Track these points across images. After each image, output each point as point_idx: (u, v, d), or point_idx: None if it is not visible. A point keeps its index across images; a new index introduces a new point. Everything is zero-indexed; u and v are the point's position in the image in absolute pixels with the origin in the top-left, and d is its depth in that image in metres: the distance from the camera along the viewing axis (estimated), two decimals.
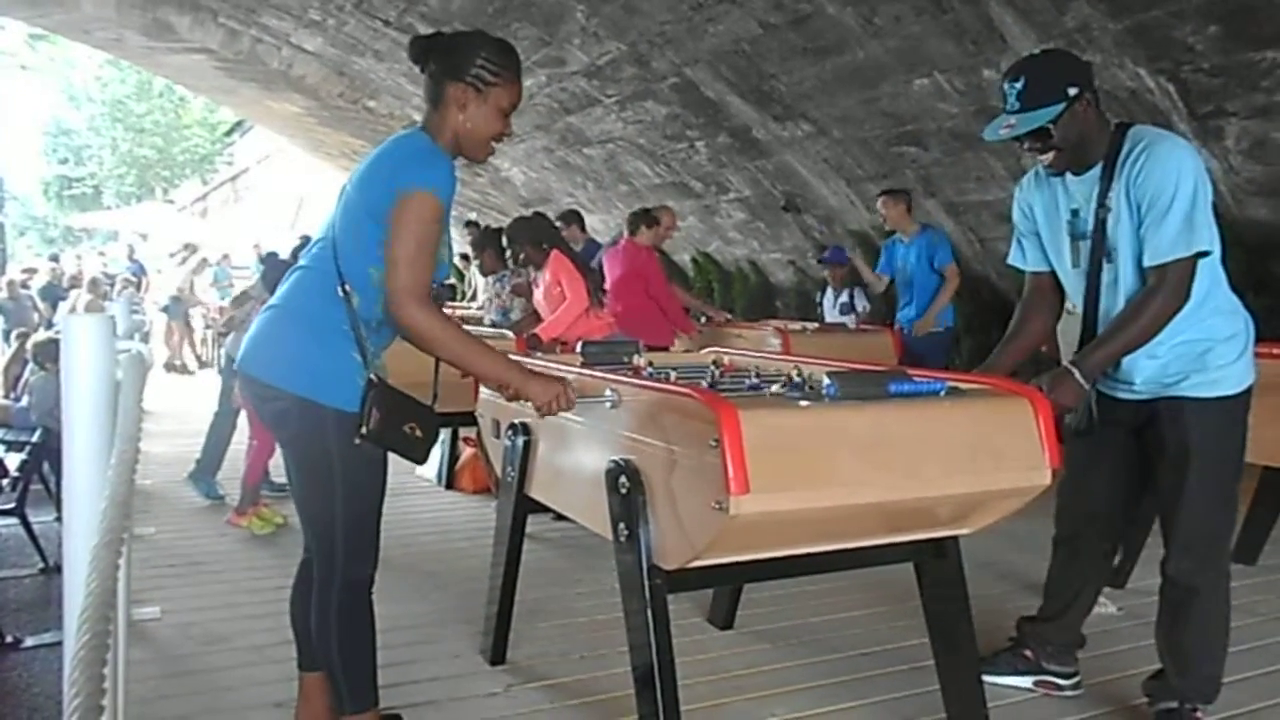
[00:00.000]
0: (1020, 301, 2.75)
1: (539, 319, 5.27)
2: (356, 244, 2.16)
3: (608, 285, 5.72)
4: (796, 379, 2.46)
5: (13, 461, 5.54)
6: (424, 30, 8.84)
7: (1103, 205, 2.41)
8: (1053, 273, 2.65)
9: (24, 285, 14.50)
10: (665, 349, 5.14)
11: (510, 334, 5.12)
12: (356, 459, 2.18)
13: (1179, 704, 2.52)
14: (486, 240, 6.43)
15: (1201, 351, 2.42)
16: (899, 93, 6.66)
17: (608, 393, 2.32)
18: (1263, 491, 4.17)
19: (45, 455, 5.67)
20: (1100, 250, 2.44)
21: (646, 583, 2.13)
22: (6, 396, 7.72)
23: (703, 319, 6.60)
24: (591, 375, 2.55)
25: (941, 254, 6.03)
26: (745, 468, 1.83)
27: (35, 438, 5.67)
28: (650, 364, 2.95)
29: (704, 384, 2.52)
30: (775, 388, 2.42)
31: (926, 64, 6.24)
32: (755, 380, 2.57)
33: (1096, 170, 2.44)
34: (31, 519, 5.23)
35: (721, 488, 1.84)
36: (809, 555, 2.21)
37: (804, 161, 8.22)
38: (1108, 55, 5.35)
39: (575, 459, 2.57)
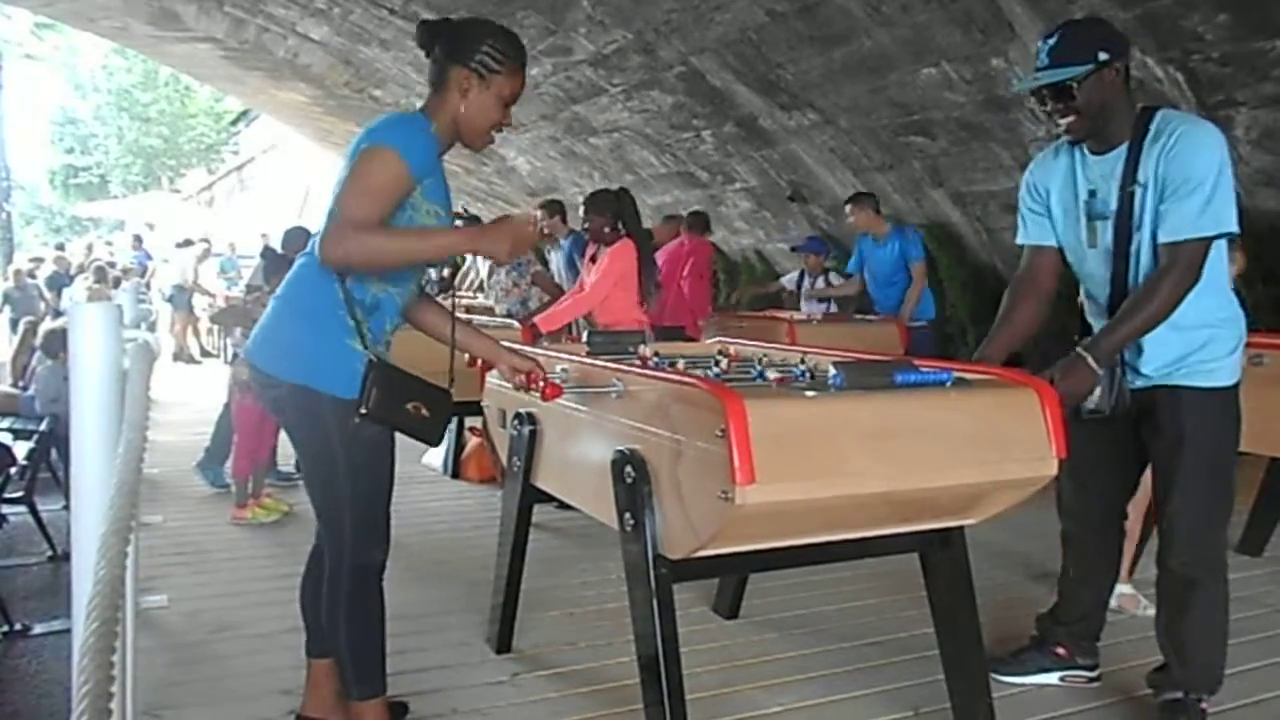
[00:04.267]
0: (1012, 281, 2.68)
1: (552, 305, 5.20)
2: None
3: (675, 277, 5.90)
4: (802, 369, 2.46)
5: (21, 450, 5.54)
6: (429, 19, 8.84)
7: (1134, 182, 2.37)
8: (1054, 252, 2.60)
9: (30, 274, 14.52)
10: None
11: (516, 323, 5.10)
12: (359, 445, 2.19)
13: (1183, 695, 2.51)
14: None
15: (1205, 341, 2.41)
16: (906, 82, 6.64)
17: (614, 382, 2.32)
18: (1270, 483, 4.16)
19: (53, 444, 5.69)
20: (1127, 229, 2.40)
21: (652, 572, 2.13)
22: (15, 385, 7.74)
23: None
24: (598, 365, 2.56)
25: (914, 251, 6.16)
26: (751, 458, 1.83)
27: (43, 426, 5.68)
28: (656, 354, 2.95)
29: (709, 374, 2.51)
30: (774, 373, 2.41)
31: (934, 53, 6.21)
32: (761, 370, 2.57)
33: (1120, 150, 2.40)
34: (40, 507, 5.24)
35: (727, 478, 1.84)
36: (814, 545, 2.21)
37: (810, 151, 8.19)
38: None
39: (581, 448, 2.58)
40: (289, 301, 2.25)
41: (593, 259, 4.87)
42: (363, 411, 2.12)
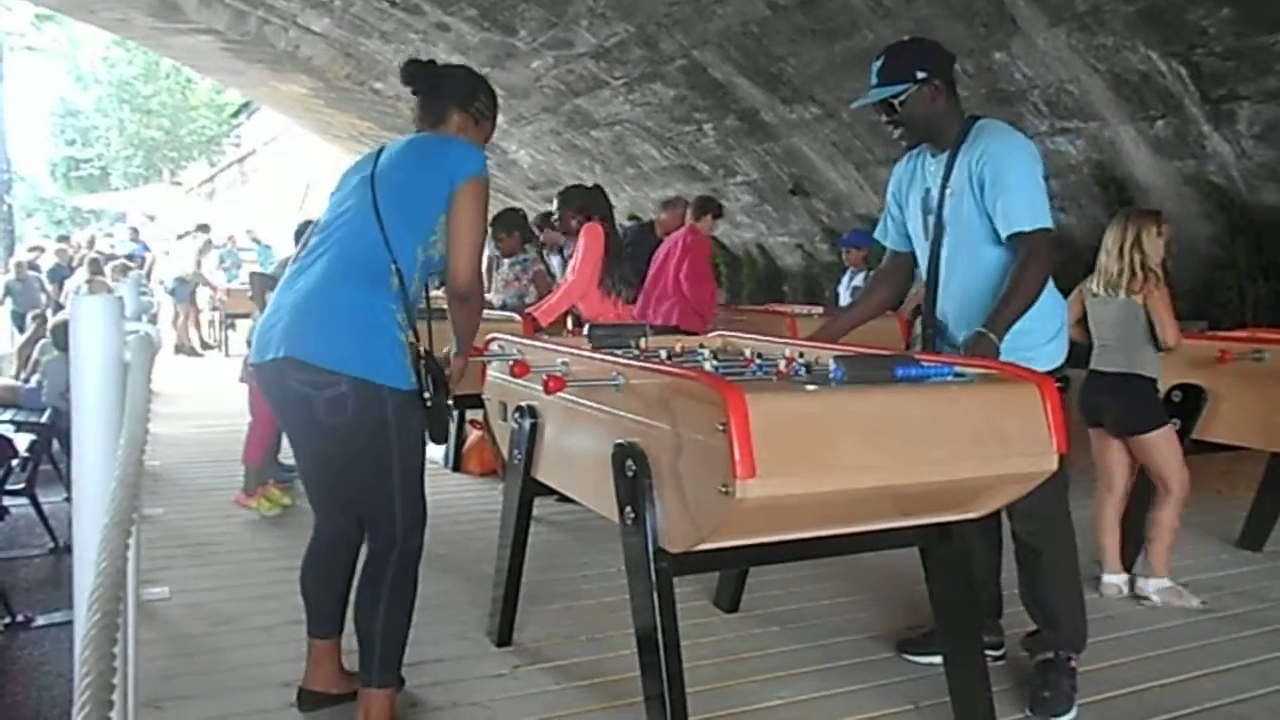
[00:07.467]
0: (876, 271, 3.12)
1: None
2: (409, 225, 2.35)
3: (667, 270, 5.87)
4: (802, 362, 2.46)
5: (23, 442, 5.56)
6: (430, 12, 8.82)
7: (945, 185, 2.67)
8: (906, 256, 2.93)
9: (32, 266, 14.49)
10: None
11: (517, 316, 5.10)
12: (409, 433, 2.35)
13: (1054, 654, 2.67)
14: (511, 222, 6.37)
15: (1018, 333, 2.56)
16: None
17: (614, 375, 2.32)
18: (1270, 478, 4.15)
19: (55, 436, 5.70)
20: (940, 225, 2.70)
21: (652, 565, 2.14)
22: (17, 377, 7.75)
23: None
24: (598, 358, 2.56)
25: None
26: (752, 451, 1.83)
27: (44, 418, 5.69)
28: (656, 348, 2.94)
29: (710, 367, 2.51)
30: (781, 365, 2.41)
31: None
32: (762, 364, 2.56)
33: (948, 154, 2.69)
34: (41, 499, 5.25)
35: (728, 471, 1.84)
36: (815, 539, 2.21)
37: (812, 145, 8.18)
38: (1119, 38, 5.31)
39: (582, 442, 2.58)
40: (335, 297, 2.30)
41: (569, 258, 5.02)
42: (426, 398, 2.33)
